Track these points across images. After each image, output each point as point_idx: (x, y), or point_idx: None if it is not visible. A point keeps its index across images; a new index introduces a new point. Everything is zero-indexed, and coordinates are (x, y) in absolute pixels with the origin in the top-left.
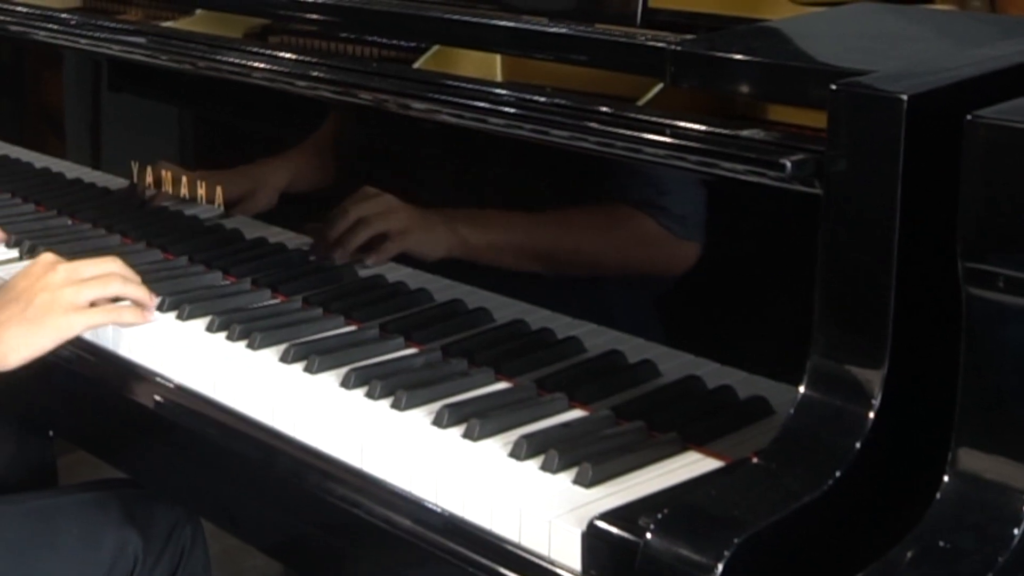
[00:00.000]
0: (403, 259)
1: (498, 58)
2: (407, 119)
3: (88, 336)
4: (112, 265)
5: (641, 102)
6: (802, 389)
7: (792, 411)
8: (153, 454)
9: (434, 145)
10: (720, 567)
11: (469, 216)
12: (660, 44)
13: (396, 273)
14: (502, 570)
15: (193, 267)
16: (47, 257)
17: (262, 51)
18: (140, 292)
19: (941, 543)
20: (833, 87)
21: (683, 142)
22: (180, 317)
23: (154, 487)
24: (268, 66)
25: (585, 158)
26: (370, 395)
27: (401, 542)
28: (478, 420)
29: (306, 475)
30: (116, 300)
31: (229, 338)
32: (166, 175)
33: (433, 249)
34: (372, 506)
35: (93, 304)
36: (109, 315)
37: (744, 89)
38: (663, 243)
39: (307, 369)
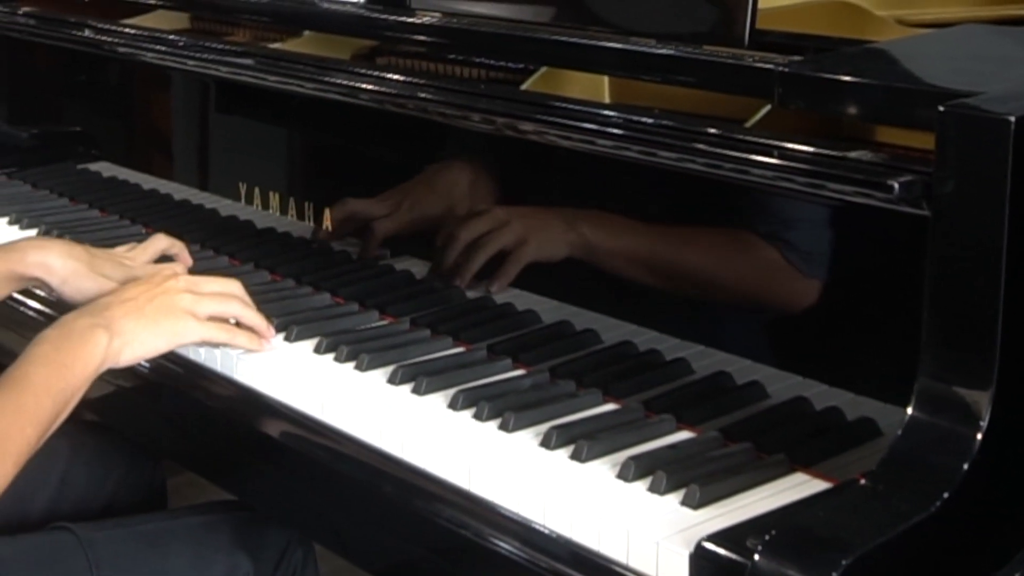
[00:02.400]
0: (511, 281)
1: (606, 79)
2: (514, 140)
3: (197, 358)
4: (233, 287)
5: (749, 124)
6: (910, 410)
7: (900, 432)
8: (262, 476)
9: (543, 165)
10: None
11: (581, 233)
12: (768, 66)
13: (504, 294)
14: None
15: (301, 289)
16: (167, 267)
17: (370, 73)
18: (258, 319)
19: None
20: (941, 109)
21: (791, 163)
22: (288, 339)
23: (264, 509)
24: (376, 88)
25: (694, 179)
26: (478, 416)
27: (509, 563)
28: (586, 442)
29: (414, 497)
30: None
31: (337, 360)
32: (274, 196)
33: (551, 255)
34: (480, 527)
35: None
36: (225, 333)
37: (852, 110)
38: (770, 265)
39: (415, 391)
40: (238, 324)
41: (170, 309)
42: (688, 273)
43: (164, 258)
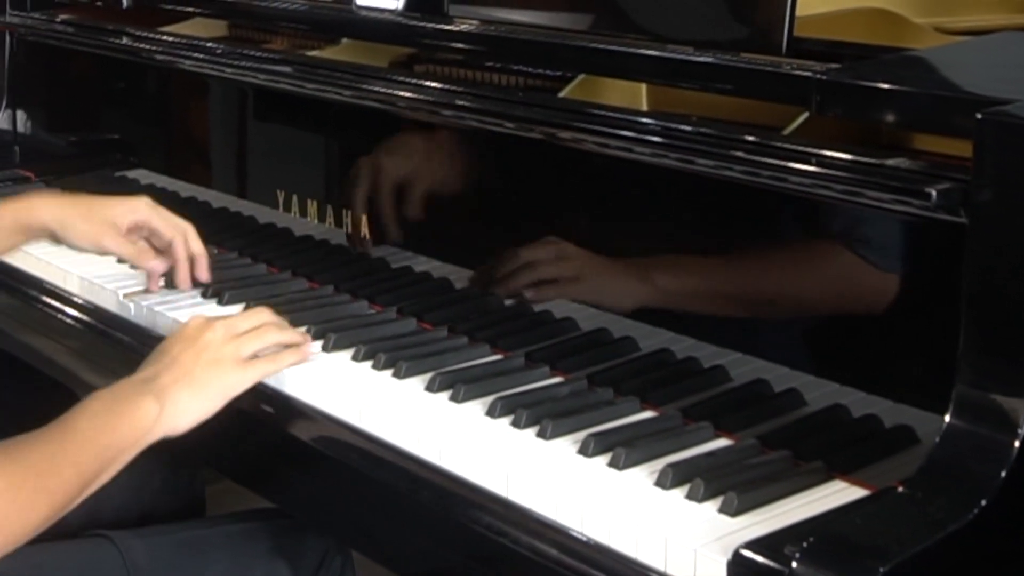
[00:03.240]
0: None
1: (644, 87)
2: (552, 148)
3: None
4: (264, 315)
5: (787, 131)
6: (948, 418)
7: (938, 440)
8: (300, 483)
9: (581, 174)
10: None
11: (620, 245)
12: (806, 73)
13: (542, 302)
14: None
15: (338, 296)
16: (198, 318)
17: (408, 80)
18: (295, 335)
19: None
20: (979, 116)
21: (828, 171)
22: (326, 347)
23: (302, 517)
24: (414, 95)
25: (733, 187)
26: (516, 424)
27: (546, 570)
28: (624, 449)
29: (452, 504)
30: None
31: (375, 367)
32: (311, 204)
33: (595, 291)
34: (518, 535)
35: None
36: (275, 364)
37: (890, 118)
38: (807, 273)
39: (453, 398)
40: None
41: (217, 367)
42: (725, 282)
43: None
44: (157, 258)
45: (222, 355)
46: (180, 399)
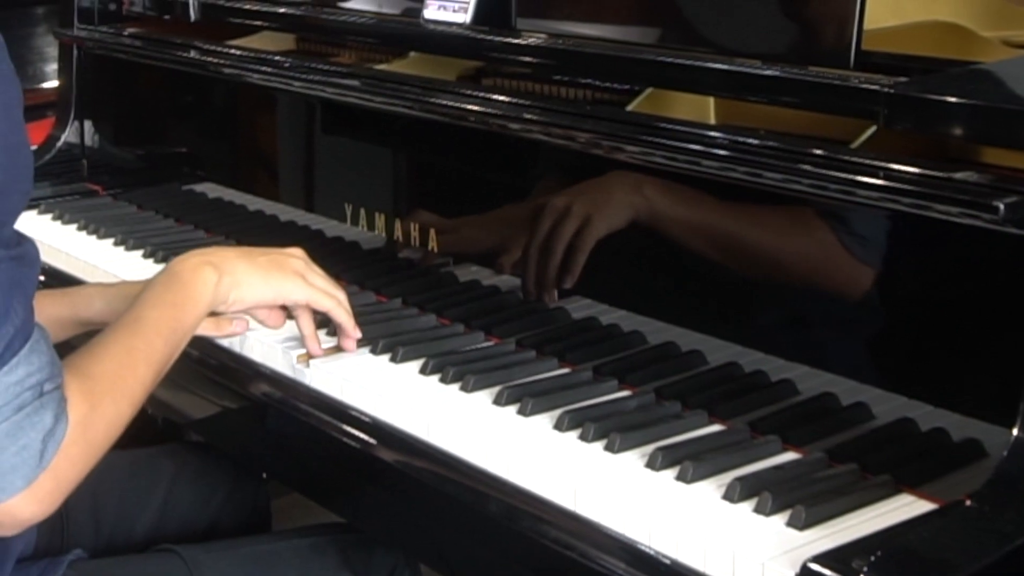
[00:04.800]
0: (617, 301)
1: (711, 100)
2: (620, 162)
3: (301, 377)
4: (339, 292)
5: (854, 145)
6: (1015, 431)
7: (1005, 453)
8: (367, 497)
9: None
10: None
11: (646, 196)
12: (874, 87)
13: (610, 315)
14: None
15: (407, 310)
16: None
17: (476, 93)
18: (350, 321)
19: None
20: None
21: (896, 184)
22: (394, 359)
23: (371, 530)
24: (482, 108)
25: (798, 199)
26: (583, 438)
27: None
28: (691, 462)
29: (520, 518)
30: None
31: (443, 380)
32: (379, 217)
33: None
34: (586, 548)
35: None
36: (330, 300)
37: (958, 131)
38: (876, 287)
39: (520, 411)
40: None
41: (282, 266)
42: (784, 293)
43: None
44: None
45: (289, 263)
46: (238, 270)
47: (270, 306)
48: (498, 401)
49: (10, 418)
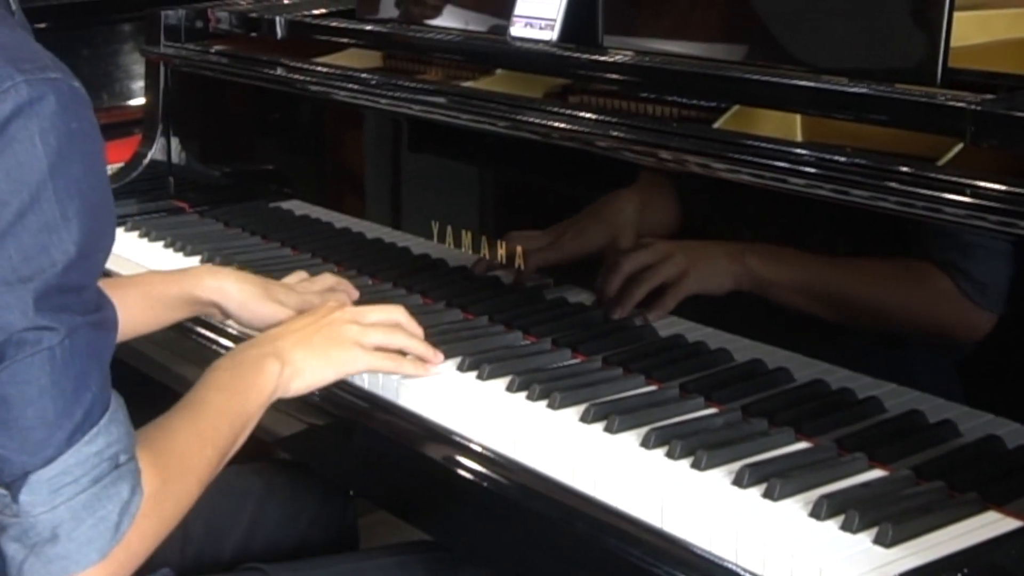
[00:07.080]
0: (704, 319)
1: (798, 118)
2: (706, 179)
3: (389, 395)
4: (397, 314)
5: (941, 162)
6: None
7: None
8: (454, 514)
9: (732, 204)
10: None
11: (763, 272)
12: (960, 104)
13: (696, 333)
14: None
15: (493, 327)
16: (336, 297)
17: (562, 111)
18: (423, 348)
19: None
20: None
21: (983, 202)
22: (480, 377)
23: (458, 548)
24: (568, 126)
25: (885, 216)
26: (670, 455)
27: None
28: (778, 480)
29: (606, 535)
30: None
31: (529, 398)
32: (466, 235)
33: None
34: (672, 566)
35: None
36: (392, 362)
37: None
38: (963, 303)
39: (607, 429)
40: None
41: (338, 340)
42: (871, 310)
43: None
44: None
45: (344, 332)
46: (297, 359)
47: (335, 381)
48: (585, 418)
49: (88, 489)
